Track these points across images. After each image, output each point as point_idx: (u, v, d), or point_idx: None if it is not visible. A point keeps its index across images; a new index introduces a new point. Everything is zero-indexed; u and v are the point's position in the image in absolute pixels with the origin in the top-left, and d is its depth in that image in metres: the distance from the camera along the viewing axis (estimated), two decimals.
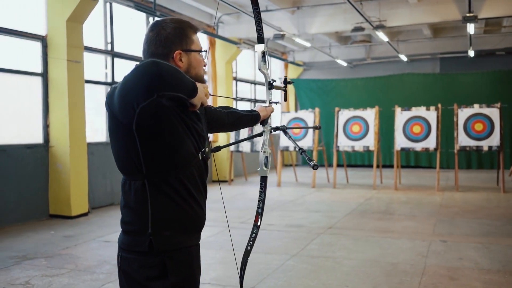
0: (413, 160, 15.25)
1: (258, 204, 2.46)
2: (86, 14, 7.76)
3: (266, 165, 2.38)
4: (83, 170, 7.92)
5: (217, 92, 12.16)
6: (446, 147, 13.40)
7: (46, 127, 7.72)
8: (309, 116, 11.63)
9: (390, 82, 15.43)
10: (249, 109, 2.47)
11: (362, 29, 10.44)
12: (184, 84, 1.61)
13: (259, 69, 2.41)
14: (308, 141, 11.41)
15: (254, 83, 15.38)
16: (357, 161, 15.88)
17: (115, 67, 9.18)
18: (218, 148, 2.28)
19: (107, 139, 9.10)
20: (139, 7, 8.55)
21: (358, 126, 11.12)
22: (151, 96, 1.54)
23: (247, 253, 2.37)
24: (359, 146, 11.00)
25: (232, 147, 11.87)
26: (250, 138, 2.57)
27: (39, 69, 7.70)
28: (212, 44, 11.99)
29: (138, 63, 1.60)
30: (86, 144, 8.03)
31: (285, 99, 2.63)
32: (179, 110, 1.73)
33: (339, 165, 14.07)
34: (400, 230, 6.61)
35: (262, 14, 10.81)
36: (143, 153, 1.67)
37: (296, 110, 16.62)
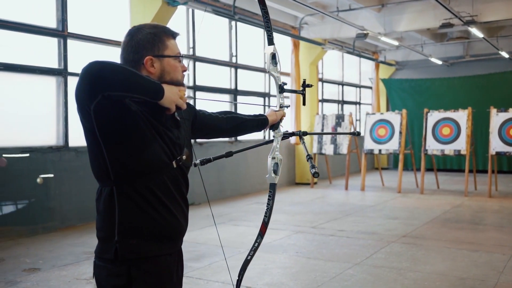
0: (506, 165, 14.09)
1: (266, 213, 2.35)
2: (166, 21, 8.05)
3: (275, 172, 2.28)
4: None
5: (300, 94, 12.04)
6: None
7: None
8: (396, 118, 11.14)
9: (491, 81, 14.36)
10: (256, 113, 2.38)
11: (451, 25, 9.79)
12: (140, 85, 1.56)
13: (268, 71, 2.31)
14: (394, 144, 10.94)
15: (342, 84, 15.06)
16: (453, 165, 14.97)
17: (196, 71, 9.44)
18: (209, 160, 2.25)
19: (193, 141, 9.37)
20: (217, 11, 8.71)
21: (448, 129, 10.46)
22: (95, 97, 1.52)
23: (246, 263, 2.28)
24: (449, 149, 10.34)
25: (315, 149, 11.71)
26: (259, 145, 2.49)
27: None
28: (295, 46, 11.91)
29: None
30: None
31: (304, 103, 2.51)
32: (149, 115, 1.70)
33: (431, 170, 13.39)
34: (480, 241, 6.10)
35: (345, 13, 10.56)
36: (109, 158, 1.66)
37: (387, 111, 16.03)
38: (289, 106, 2.43)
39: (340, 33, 11.80)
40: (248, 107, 10.36)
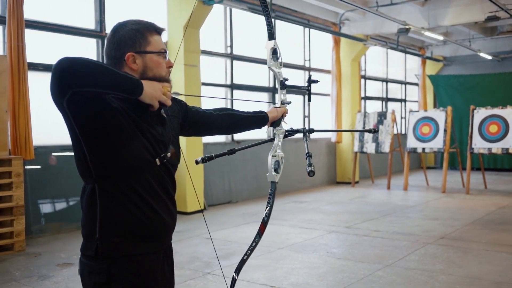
0: None
1: (265, 212, 2.30)
2: (202, 20, 8.10)
3: (276, 170, 2.22)
4: (199, 168, 8.29)
5: (341, 91, 11.87)
6: None
7: None
8: (441, 116, 10.77)
9: None
10: (256, 110, 2.32)
11: (497, 18, 9.35)
12: (113, 81, 1.54)
13: (269, 67, 2.26)
14: (438, 142, 10.58)
15: (386, 81, 14.72)
16: (503, 164, 14.34)
17: (234, 69, 9.46)
18: (211, 157, 2.23)
19: (226, 139, 9.42)
20: (253, 9, 8.69)
21: (496, 126, 10.01)
22: (65, 93, 1.51)
23: (242, 263, 2.23)
24: (496, 148, 9.89)
25: (356, 148, 11.49)
26: (260, 143, 2.43)
27: None
28: (336, 43, 11.73)
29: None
30: (202, 143, 8.40)
31: (309, 99, 2.43)
32: (131, 112, 1.68)
33: (479, 169, 12.90)
34: None
35: (386, 8, 10.27)
36: (89, 155, 1.65)
37: (435, 108, 15.53)
38: (290, 102, 2.36)
39: (383, 28, 11.52)
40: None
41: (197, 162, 2.36)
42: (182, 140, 8.40)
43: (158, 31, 1.80)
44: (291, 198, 9.73)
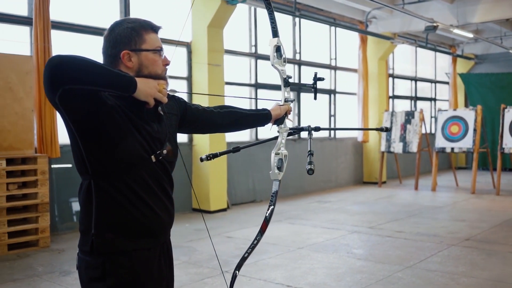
0: None
1: (268, 210, 2.28)
2: (225, 20, 8.13)
3: (279, 168, 2.21)
4: (223, 167, 8.32)
5: (368, 90, 11.72)
6: None
7: None
8: (470, 115, 10.52)
9: None
10: (259, 108, 2.31)
11: None
12: (104, 79, 1.55)
13: (272, 65, 2.25)
14: (467, 142, 10.34)
15: (415, 79, 14.47)
16: None
17: (258, 69, 9.46)
18: (215, 155, 2.22)
19: (250, 138, 9.42)
20: (277, 8, 8.66)
21: None
22: (56, 90, 1.53)
23: (242, 260, 2.22)
24: None
25: (383, 147, 11.33)
26: (263, 142, 2.41)
27: (185, 73, 8.32)
28: (363, 41, 11.60)
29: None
30: (226, 142, 8.42)
31: (315, 97, 2.41)
32: (127, 109, 1.70)
33: (508, 169, 12.57)
34: None
35: (415, 5, 10.11)
36: (85, 152, 1.67)
37: (466, 107, 15.19)
38: (293, 100, 2.34)
39: (411, 26, 11.33)
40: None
41: (201, 160, 2.36)
42: (206, 138, 8.49)
43: (155, 29, 1.81)
44: (316, 198, 9.67)
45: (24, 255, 5.47)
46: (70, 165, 6.61)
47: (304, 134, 10.58)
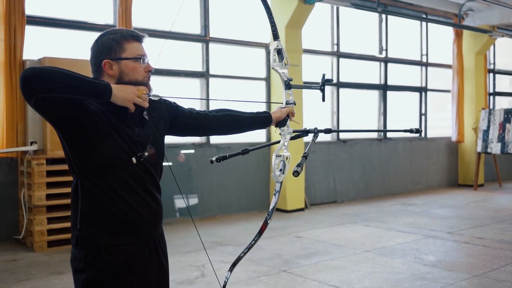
0: None
1: (269, 211, 2.31)
2: (303, 20, 8.12)
3: (281, 170, 2.22)
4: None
5: (463, 87, 11.05)
6: None
7: None
8: None
9: None
10: (260, 110, 2.34)
11: None
12: (77, 87, 1.67)
13: (272, 68, 2.27)
14: None
15: None
16: None
17: (340, 67, 9.34)
18: (225, 157, 2.29)
19: (325, 138, 9.26)
20: (356, 5, 8.49)
21: None
22: (29, 99, 1.67)
23: (237, 260, 2.25)
24: None
25: (479, 148, 10.63)
26: (265, 146, 2.42)
27: (263, 74, 8.45)
28: (458, 35, 10.96)
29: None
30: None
31: (323, 99, 2.38)
32: (109, 114, 1.82)
33: None
34: None
35: None
36: (70, 153, 1.83)
37: None
38: (295, 103, 2.34)
39: (511, 18, 10.49)
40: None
41: (212, 162, 2.45)
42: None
43: (137, 38, 1.92)
44: (401, 200, 9.34)
45: (63, 251, 5.65)
46: None
47: (394, 135, 10.25)
